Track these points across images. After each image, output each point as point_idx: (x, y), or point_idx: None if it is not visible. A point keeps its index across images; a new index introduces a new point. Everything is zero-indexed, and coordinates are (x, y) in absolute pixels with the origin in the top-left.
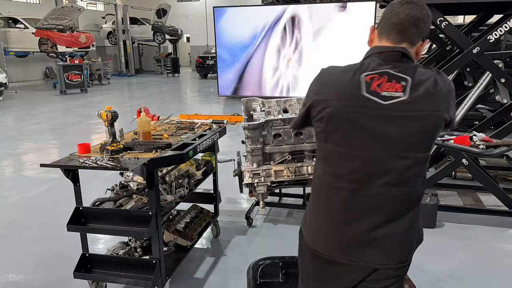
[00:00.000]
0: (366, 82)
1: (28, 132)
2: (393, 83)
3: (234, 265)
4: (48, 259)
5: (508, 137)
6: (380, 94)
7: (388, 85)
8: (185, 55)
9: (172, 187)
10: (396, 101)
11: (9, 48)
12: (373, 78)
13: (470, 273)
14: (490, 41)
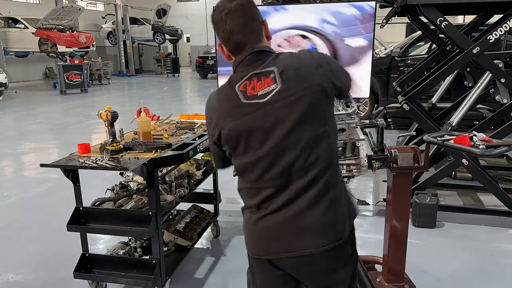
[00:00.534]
0: (241, 92)
1: (28, 132)
2: (263, 80)
3: (234, 265)
4: (48, 259)
5: (508, 137)
6: (257, 95)
7: (259, 84)
8: (185, 55)
9: (172, 187)
10: (273, 93)
11: (9, 48)
12: (245, 86)
13: (470, 273)
14: (490, 41)
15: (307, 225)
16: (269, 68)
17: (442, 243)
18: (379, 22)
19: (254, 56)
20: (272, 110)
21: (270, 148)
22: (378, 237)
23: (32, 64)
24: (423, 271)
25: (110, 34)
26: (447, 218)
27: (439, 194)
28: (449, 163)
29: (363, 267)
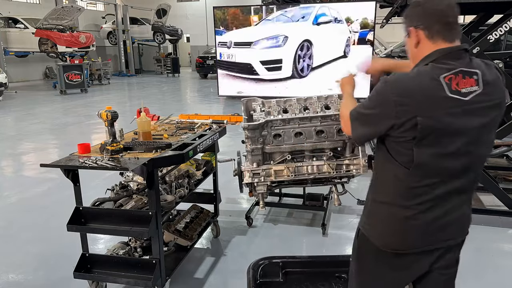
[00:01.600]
0: (447, 84)
1: (28, 132)
2: (467, 79)
3: (234, 265)
4: (48, 259)
5: (508, 137)
6: (461, 92)
7: (463, 82)
8: (185, 55)
9: (172, 187)
10: (475, 94)
11: (9, 48)
12: (451, 79)
13: (470, 273)
14: (490, 41)
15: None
16: (474, 70)
17: None
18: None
19: (463, 52)
20: (471, 111)
21: (460, 147)
22: None
23: (32, 64)
24: None
25: (110, 34)
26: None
27: None
28: None
29: None
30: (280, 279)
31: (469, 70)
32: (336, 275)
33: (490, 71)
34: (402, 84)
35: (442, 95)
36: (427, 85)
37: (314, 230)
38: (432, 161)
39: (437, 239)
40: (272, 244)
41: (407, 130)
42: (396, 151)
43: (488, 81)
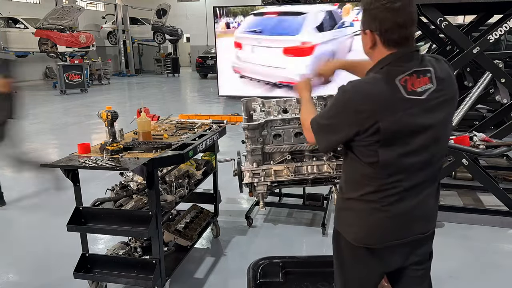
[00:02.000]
0: (402, 86)
1: (28, 132)
2: (421, 78)
3: (234, 265)
4: (48, 259)
5: (508, 137)
6: (417, 91)
7: (418, 81)
8: (185, 55)
9: (172, 187)
10: (430, 91)
11: (9, 48)
12: (406, 80)
13: (470, 273)
14: (490, 41)
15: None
16: (427, 67)
17: (442, 243)
18: None
19: (416, 53)
20: (429, 108)
21: (422, 144)
22: None
23: (32, 64)
24: None
25: (110, 34)
26: (447, 218)
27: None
28: (449, 163)
29: None
30: (280, 279)
31: (422, 69)
32: None
33: (441, 66)
34: (360, 92)
35: (399, 97)
36: (384, 90)
37: (314, 230)
38: (396, 160)
39: (406, 232)
40: (272, 244)
41: (370, 135)
42: (362, 153)
43: (441, 77)
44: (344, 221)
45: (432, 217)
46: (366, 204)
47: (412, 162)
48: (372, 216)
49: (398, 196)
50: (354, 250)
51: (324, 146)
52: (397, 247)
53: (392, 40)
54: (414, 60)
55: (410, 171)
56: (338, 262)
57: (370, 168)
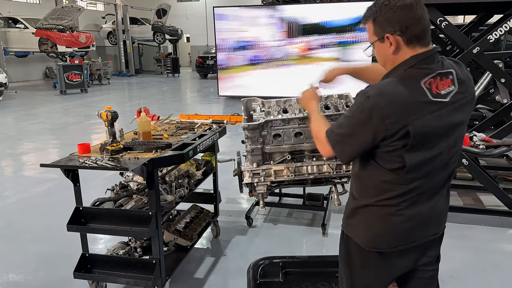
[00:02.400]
0: (428, 88)
1: (28, 132)
2: (444, 80)
3: (234, 265)
4: (48, 259)
5: (508, 137)
6: (441, 94)
7: (442, 83)
8: (185, 55)
9: (172, 187)
10: (453, 93)
11: (9, 48)
12: (430, 83)
13: (470, 273)
14: (490, 41)
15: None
16: (449, 70)
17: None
18: None
19: (437, 54)
20: (454, 110)
21: (445, 147)
22: None
23: (32, 64)
24: None
25: (110, 34)
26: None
27: None
28: None
29: None
30: (280, 279)
31: (445, 71)
32: (336, 275)
33: (461, 69)
34: (386, 96)
35: (426, 100)
36: (411, 93)
37: (314, 230)
38: (422, 164)
39: (418, 235)
40: (272, 244)
41: (397, 140)
42: (384, 160)
43: (462, 79)
44: (356, 226)
45: (443, 218)
46: (381, 209)
47: (435, 166)
48: (385, 221)
49: (412, 201)
50: (365, 254)
51: (347, 157)
52: (408, 250)
53: (415, 36)
54: (436, 62)
55: (431, 175)
56: (347, 267)
57: (392, 175)
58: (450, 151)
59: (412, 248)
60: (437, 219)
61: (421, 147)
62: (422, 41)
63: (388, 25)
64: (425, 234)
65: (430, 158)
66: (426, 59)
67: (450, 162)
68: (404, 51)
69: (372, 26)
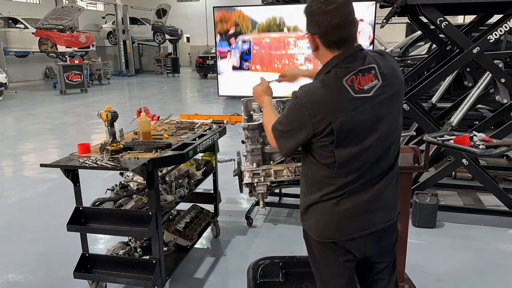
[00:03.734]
0: (349, 85)
1: (28, 132)
2: (367, 75)
3: (234, 265)
4: (48, 259)
5: (508, 137)
6: (364, 89)
7: (364, 79)
8: (185, 55)
9: (172, 187)
10: (376, 88)
11: (9, 48)
12: (352, 80)
13: (470, 273)
14: (490, 41)
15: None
16: (370, 65)
17: (442, 243)
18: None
19: (359, 52)
20: (378, 104)
21: (375, 140)
22: None
23: (32, 64)
24: (423, 271)
25: (110, 34)
26: (447, 218)
27: (439, 194)
28: (449, 163)
29: None
30: (280, 279)
31: (366, 67)
32: None
33: (384, 61)
34: (311, 96)
35: (348, 97)
36: (334, 92)
37: None
38: (352, 159)
39: (366, 224)
40: (272, 244)
41: (325, 136)
42: (319, 155)
43: (385, 73)
44: (309, 221)
45: (392, 207)
46: (326, 202)
47: (367, 158)
48: (332, 212)
49: (354, 191)
50: (322, 245)
51: (285, 152)
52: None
53: (331, 42)
54: (358, 59)
55: (366, 167)
56: (311, 260)
57: (329, 169)
58: (383, 144)
59: (366, 235)
60: (386, 206)
61: (348, 143)
62: (342, 47)
63: (311, 24)
64: (375, 221)
65: (360, 152)
66: (347, 58)
67: (387, 154)
68: (325, 52)
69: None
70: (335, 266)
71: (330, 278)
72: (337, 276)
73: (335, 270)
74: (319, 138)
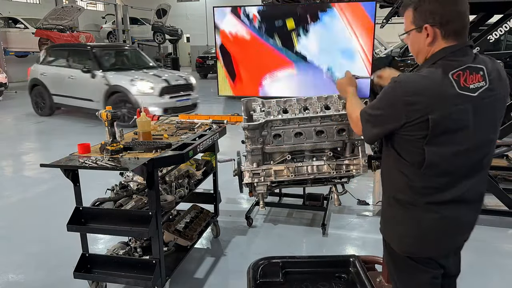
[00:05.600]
0: (455, 80)
1: (28, 132)
2: (474, 75)
3: (234, 265)
4: (48, 259)
5: (508, 137)
6: (469, 87)
7: (471, 77)
8: (185, 55)
9: (172, 187)
10: (482, 90)
11: (9, 48)
12: (459, 75)
13: (470, 273)
14: (490, 41)
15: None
16: (479, 65)
17: None
18: (379, 22)
19: (469, 48)
20: (482, 107)
21: (476, 145)
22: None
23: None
24: None
25: (110, 34)
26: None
27: None
28: None
29: (363, 267)
30: (280, 279)
31: (476, 66)
32: (336, 275)
33: (494, 66)
34: (412, 83)
35: (452, 92)
36: (437, 83)
37: (314, 230)
38: (444, 160)
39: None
40: (272, 244)
41: (418, 129)
42: (406, 151)
43: (494, 76)
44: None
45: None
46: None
47: (461, 164)
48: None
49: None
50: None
51: (369, 137)
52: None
53: (453, 31)
54: (468, 55)
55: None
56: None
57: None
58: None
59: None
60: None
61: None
62: (459, 37)
63: (430, 16)
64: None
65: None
66: (457, 51)
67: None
68: (439, 43)
69: (411, 14)
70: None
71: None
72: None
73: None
74: (410, 130)
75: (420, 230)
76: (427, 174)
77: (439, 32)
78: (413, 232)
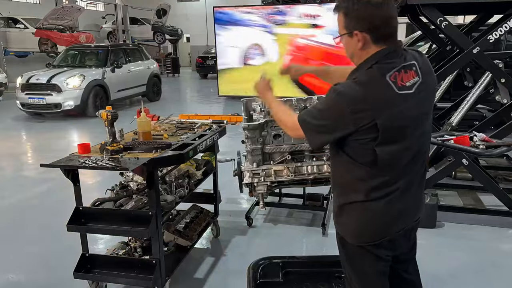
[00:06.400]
0: (393, 82)
1: (28, 132)
2: (409, 72)
3: (234, 265)
4: (48, 259)
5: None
6: (406, 86)
7: (406, 76)
8: (185, 55)
9: (172, 187)
10: (417, 85)
11: (9, 48)
12: (395, 76)
13: (470, 273)
14: (490, 41)
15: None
16: (411, 61)
17: (442, 243)
18: None
19: (401, 48)
20: (419, 101)
21: (417, 137)
22: None
23: (32, 64)
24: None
25: (110, 34)
26: (447, 218)
27: (439, 194)
28: (449, 163)
29: None
30: (280, 279)
31: (408, 64)
32: (336, 275)
33: (423, 60)
34: (354, 92)
35: (392, 94)
36: (377, 88)
37: (314, 230)
38: (393, 156)
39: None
40: (272, 244)
41: (367, 132)
42: (357, 153)
43: (424, 70)
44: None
45: (422, 204)
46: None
47: (407, 157)
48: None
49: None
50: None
51: (316, 145)
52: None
53: (382, 36)
54: (400, 55)
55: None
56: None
57: (367, 169)
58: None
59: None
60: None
61: (391, 140)
62: (389, 41)
63: (357, 22)
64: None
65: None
66: (390, 54)
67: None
68: (370, 47)
69: (342, 19)
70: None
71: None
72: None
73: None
74: (360, 135)
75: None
76: (378, 171)
77: (369, 37)
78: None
